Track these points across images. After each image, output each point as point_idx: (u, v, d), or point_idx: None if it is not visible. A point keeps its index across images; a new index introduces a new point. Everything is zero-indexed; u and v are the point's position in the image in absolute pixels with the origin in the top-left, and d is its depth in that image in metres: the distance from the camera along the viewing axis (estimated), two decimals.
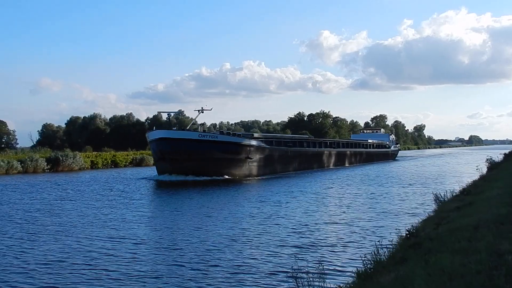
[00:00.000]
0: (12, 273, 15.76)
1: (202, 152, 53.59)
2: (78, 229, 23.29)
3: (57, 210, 29.76)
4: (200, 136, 55.00)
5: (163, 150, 54.82)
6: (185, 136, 55.18)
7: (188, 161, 53.46)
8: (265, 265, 16.35)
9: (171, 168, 54.62)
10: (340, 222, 24.75)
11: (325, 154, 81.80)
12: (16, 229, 23.67)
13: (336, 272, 15.33)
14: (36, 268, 16.23)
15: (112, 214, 27.96)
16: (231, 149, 55.34)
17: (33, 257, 17.75)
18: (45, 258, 17.59)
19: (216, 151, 54.29)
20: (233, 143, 56.34)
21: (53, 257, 17.76)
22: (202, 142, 54.08)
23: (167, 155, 54.65)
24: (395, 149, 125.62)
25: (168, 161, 54.95)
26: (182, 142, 53.95)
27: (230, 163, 55.23)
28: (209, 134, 56.79)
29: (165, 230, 23.17)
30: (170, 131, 57.95)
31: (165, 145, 54.47)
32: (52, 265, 16.62)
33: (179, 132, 57.34)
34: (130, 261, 16.99)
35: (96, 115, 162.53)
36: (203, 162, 53.53)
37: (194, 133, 57.34)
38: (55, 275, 15.42)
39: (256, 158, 58.67)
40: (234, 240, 20.27)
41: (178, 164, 53.88)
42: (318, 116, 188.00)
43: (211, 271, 15.75)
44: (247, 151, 56.90)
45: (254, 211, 28.61)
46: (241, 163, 56.50)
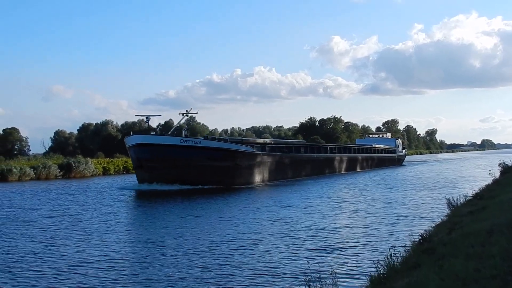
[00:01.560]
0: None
1: (184, 159, 49.79)
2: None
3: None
4: (182, 142, 50.91)
5: (141, 157, 51.21)
6: (165, 142, 51.10)
7: (169, 169, 49.60)
8: (279, 269, 16.35)
9: (150, 176, 50.62)
10: (353, 227, 24.71)
11: (336, 159, 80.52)
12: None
13: (349, 276, 15.32)
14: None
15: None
16: (217, 155, 51.36)
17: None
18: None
19: (200, 157, 50.49)
20: (219, 149, 52.18)
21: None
22: (184, 148, 50.29)
23: (145, 162, 50.97)
24: (401, 154, 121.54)
25: (147, 169, 51.09)
26: (161, 148, 49.98)
27: (216, 171, 50.88)
28: (192, 140, 52.37)
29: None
30: (148, 136, 52.61)
31: (143, 151, 50.71)
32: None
33: (159, 137, 52.48)
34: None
35: (108, 122, 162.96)
36: (186, 170, 49.57)
37: (175, 138, 52.63)
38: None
39: (246, 164, 54.21)
40: (247, 244, 20.25)
41: (157, 172, 50.01)
42: (329, 121, 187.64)
43: (225, 276, 15.78)
44: (235, 158, 52.68)
45: (266, 215, 28.63)
46: (229, 171, 51.95)
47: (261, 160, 57.25)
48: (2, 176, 61.57)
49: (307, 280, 12.29)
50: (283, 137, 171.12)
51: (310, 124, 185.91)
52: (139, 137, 52.63)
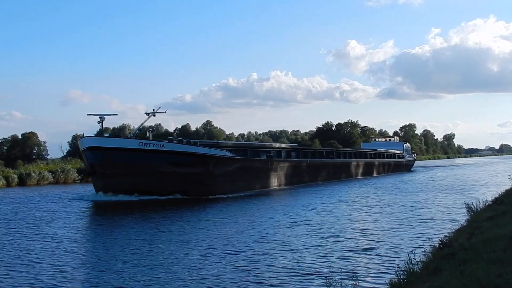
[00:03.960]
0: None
1: (143, 164, 43.74)
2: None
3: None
4: (141, 145, 44.35)
5: (93, 163, 45.00)
6: (120, 145, 44.49)
7: (125, 176, 43.45)
8: (298, 273, 16.28)
9: (104, 185, 44.57)
10: (371, 231, 24.60)
11: (353, 164, 79.25)
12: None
13: (369, 281, 15.22)
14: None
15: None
16: (184, 160, 45.29)
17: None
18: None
19: (163, 163, 44.33)
20: (187, 154, 45.70)
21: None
22: (143, 153, 43.98)
23: (98, 168, 44.66)
24: (410, 158, 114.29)
25: (100, 177, 44.97)
26: (116, 152, 43.62)
27: (184, 179, 44.79)
28: (154, 143, 45.78)
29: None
30: (101, 138, 45.55)
31: (95, 156, 44.49)
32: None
33: (113, 140, 45.87)
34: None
35: (125, 126, 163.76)
36: (145, 178, 43.52)
37: (132, 140, 46.13)
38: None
39: (222, 171, 47.98)
40: (265, 249, 20.18)
41: (111, 180, 43.82)
42: (346, 126, 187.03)
43: (244, 277, 15.78)
44: (208, 164, 46.64)
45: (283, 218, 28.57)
46: (201, 178, 45.89)
47: (244, 165, 51.15)
48: (21, 180, 62.10)
49: (328, 284, 12.27)
50: (300, 142, 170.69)
51: (327, 128, 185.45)
52: (91, 139, 45.92)
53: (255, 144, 74.49)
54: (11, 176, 62.12)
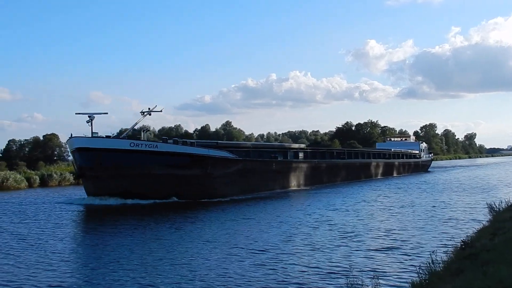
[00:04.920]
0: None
1: (135, 166, 41.48)
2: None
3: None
4: (133, 145, 41.89)
5: (82, 165, 42.70)
6: (110, 146, 42.08)
7: (116, 179, 41.22)
8: (320, 272, 16.25)
9: (94, 188, 42.58)
10: (394, 231, 24.43)
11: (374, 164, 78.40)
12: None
13: (390, 281, 15.11)
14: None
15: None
16: (179, 162, 42.99)
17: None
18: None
19: (156, 165, 41.97)
20: (182, 155, 43.40)
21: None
22: (135, 154, 41.60)
23: (86, 171, 42.62)
24: (426, 159, 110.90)
25: (89, 179, 43.21)
26: (106, 153, 41.42)
27: (179, 181, 42.55)
28: (146, 143, 43.35)
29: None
30: (90, 138, 42.56)
31: (84, 157, 42.26)
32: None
33: (103, 140, 42.84)
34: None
35: (145, 127, 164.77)
36: (138, 180, 41.27)
37: (123, 141, 43.27)
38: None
39: (221, 173, 45.53)
40: (289, 247, 20.12)
41: (101, 183, 41.67)
42: (366, 126, 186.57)
43: (266, 276, 15.76)
44: (206, 165, 44.29)
45: (301, 218, 28.53)
46: (197, 181, 43.47)
47: (244, 166, 48.64)
48: (42, 181, 62.73)
49: (349, 283, 12.23)
50: (320, 142, 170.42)
51: (347, 128, 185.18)
52: (79, 139, 43.09)
53: (258, 144, 70.83)
54: (32, 177, 62.73)
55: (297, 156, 60.15)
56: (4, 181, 58.53)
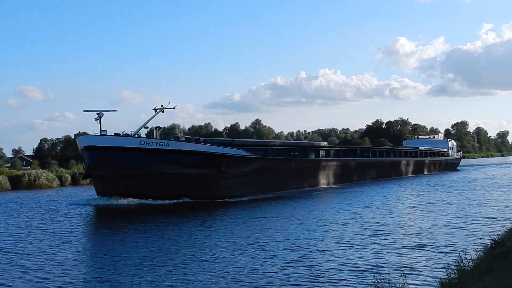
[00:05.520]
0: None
1: (145, 165, 40.05)
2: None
3: None
4: (142, 144, 40.33)
5: (90, 164, 41.16)
6: (119, 144, 40.35)
7: (124, 178, 39.83)
8: (346, 272, 16.14)
9: (103, 188, 41.26)
10: (424, 229, 24.25)
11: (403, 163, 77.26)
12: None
13: (418, 279, 14.98)
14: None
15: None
16: (192, 160, 41.40)
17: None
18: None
19: (167, 164, 40.44)
20: (194, 153, 41.70)
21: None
22: (145, 152, 40.12)
23: (94, 170, 41.18)
24: (455, 157, 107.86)
25: (97, 179, 42.03)
26: (114, 152, 39.91)
27: (191, 180, 41.04)
28: (157, 141, 41.39)
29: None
30: (98, 136, 41.11)
31: (92, 156, 40.86)
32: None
33: (112, 139, 40.98)
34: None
35: (175, 126, 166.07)
36: (148, 180, 40.00)
37: (133, 139, 41.09)
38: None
39: (236, 172, 43.99)
40: (321, 244, 20.08)
41: (109, 183, 40.31)
42: (396, 124, 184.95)
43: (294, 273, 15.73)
44: (219, 164, 42.72)
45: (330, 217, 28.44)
46: (211, 180, 42.08)
47: (261, 165, 47.41)
48: (74, 179, 63.57)
49: (376, 282, 12.14)
50: (350, 140, 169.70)
51: (377, 126, 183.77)
52: (87, 138, 42.16)
53: (276, 142, 67.74)
54: (64, 176, 63.69)
55: (318, 154, 58.37)
56: (36, 179, 59.52)
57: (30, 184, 58.87)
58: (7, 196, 49.12)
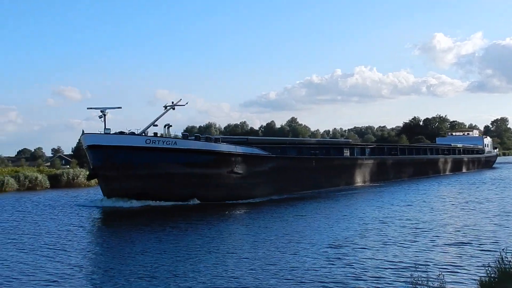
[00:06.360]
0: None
1: (151, 165, 38.48)
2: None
3: None
4: (149, 142, 38.45)
5: (94, 164, 39.86)
6: (124, 143, 38.69)
7: (128, 178, 38.12)
8: (385, 270, 15.96)
9: (106, 189, 39.90)
10: (464, 227, 23.95)
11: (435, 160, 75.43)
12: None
13: (458, 279, 14.72)
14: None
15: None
16: (201, 160, 39.68)
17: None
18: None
19: (175, 163, 38.76)
20: (204, 152, 39.96)
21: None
22: (151, 151, 38.28)
23: (99, 170, 39.78)
24: (491, 154, 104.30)
25: (102, 180, 40.71)
26: (119, 151, 38.20)
27: (201, 181, 39.31)
28: (164, 140, 39.47)
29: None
30: (101, 135, 39.40)
31: (96, 155, 39.41)
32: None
33: (116, 137, 39.29)
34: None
35: (211, 124, 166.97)
36: (154, 180, 38.22)
37: (138, 138, 39.31)
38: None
39: (250, 171, 42.09)
40: (360, 242, 19.91)
41: (114, 183, 38.68)
42: (434, 121, 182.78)
43: (328, 274, 15.60)
44: (231, 163, 40.97)
45: (366, 214, 28.24)
46: (222, 180, 40.28)
47: (277, 164, 45.25)
48: None
49: (413, 282, 11.93)
50: (386, 138, 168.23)
51: (414, 123, 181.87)
52: (90, 136, 39.97)
53: (295, 140, 65.29)
54: None
55: (342, 152, 56.36)
56: (74, 178, 60.33)
57: (69, 182, 59.63)
58: (37, 194, 49.86)
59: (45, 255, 19.91)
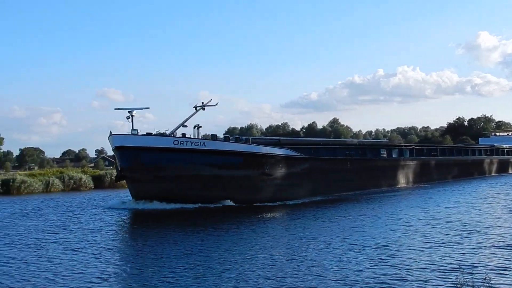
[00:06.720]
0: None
1: (179, 166, 37.43)
2: None
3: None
4: (176, 143, 37.63)
5: (122, 165, 38.89)
6: (152, 144, 37.86)
7: (156, 180, 37.42)
8: (430, 271, 15.64)
9: (134, 191, 39.37)
10: (509, 229, 23.48)
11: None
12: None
13: (503, 281, 14.31)
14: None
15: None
16: (231, 161, 38.81)
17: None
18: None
19: (204, 165, 37.81)
20: (234, 153, 39.01)
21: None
22: (179, 153, 37.55)
23: (126, 172, 38.80)
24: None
25: (129, 181, 39.83)
26: (146, 152, 37.48)
27: (230, 183, 38.28)
28: (192, 141, 38.45)
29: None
30: (128, 136, 38.47)
31: (123, 157, 38.50)
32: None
33: (142, 138, 38.40)
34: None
35: (253, 125, 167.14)
36: (182, 182, 37.16)
37: (165, 139, 38.32)
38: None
39: (283, 173, 41.14)
40: (406, 243, 19.69)
41: (141, 185, 38.18)
42: (479, 121, 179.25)
43: (374, 275, 15.35)
44: (262, 165, 39.79)
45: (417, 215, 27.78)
46: (253, 182, 39.25)
47: (312, 165, 44.25)
48: None
49: (459, 285, 11.64)
50: (430, 138, 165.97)
51: (459, 124, 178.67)
52: (117, 137, 39.04)
53: (329, 141, 64.06)
54: None
55: (379, 153, 54.69)
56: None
57: (112, 183, 60.34)
58: (81, 194, 50.46)
59: (91, 253, 20.18)
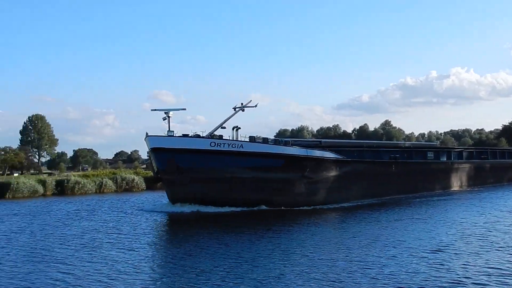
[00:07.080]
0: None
1: (216, 169, 36.74)
2: None
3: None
4: (213, 145, 36.87)
5: (158, 167, 38.71)
6: (187, 146, 37.12)
7: (192, 183, 36.64)
8: (486, 276, 15.32)
9: (170, 194, 38.90)
10: None
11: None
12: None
13: None
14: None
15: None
16: (270, 164, 37.62)
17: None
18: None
19: (241, 167, 37.05)
20: (273, 156, 37.91)
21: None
22: (216, 155, 36.77)
23: (163, 174, 38.49)
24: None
25: (166, 183, 39.50)
26: (182, 154, 36.79)
27: (269, 186, 37.36)
28: (230, 142, 37.68)
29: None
30: (164, 137, 37.75)
31: (159, 159, 38.02)
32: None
33: (179, 140, 37.63)
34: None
35: (304, 127, 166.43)
36: (219, 185, 36.54)
37: (202, 140, 37.50)
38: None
39: (324, 176, 40.22)
40: (452, 249, 19.30)
41: (177, 188, 37.50)
42: None
43: (429, 279, 15.05)
44: (302, 167, 38.80)
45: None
46: (293, 185, 38.41)
47: (354, 168, 42.58)
48: None
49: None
50: (485, 141, 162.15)
51: None
52: (153, 139, 38.33)
53: (372, 143, 62.46)
54: None
55: (426, 156, 52.65)
56: None
57: None
58: (133, 195, 51.05)
59: (143, 254, 20.50)
